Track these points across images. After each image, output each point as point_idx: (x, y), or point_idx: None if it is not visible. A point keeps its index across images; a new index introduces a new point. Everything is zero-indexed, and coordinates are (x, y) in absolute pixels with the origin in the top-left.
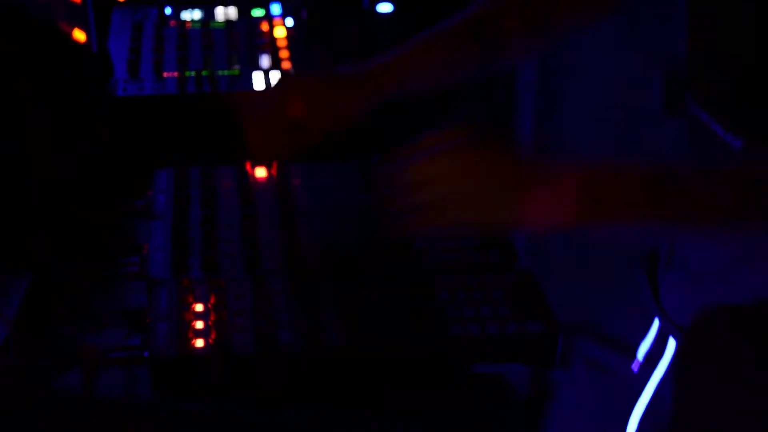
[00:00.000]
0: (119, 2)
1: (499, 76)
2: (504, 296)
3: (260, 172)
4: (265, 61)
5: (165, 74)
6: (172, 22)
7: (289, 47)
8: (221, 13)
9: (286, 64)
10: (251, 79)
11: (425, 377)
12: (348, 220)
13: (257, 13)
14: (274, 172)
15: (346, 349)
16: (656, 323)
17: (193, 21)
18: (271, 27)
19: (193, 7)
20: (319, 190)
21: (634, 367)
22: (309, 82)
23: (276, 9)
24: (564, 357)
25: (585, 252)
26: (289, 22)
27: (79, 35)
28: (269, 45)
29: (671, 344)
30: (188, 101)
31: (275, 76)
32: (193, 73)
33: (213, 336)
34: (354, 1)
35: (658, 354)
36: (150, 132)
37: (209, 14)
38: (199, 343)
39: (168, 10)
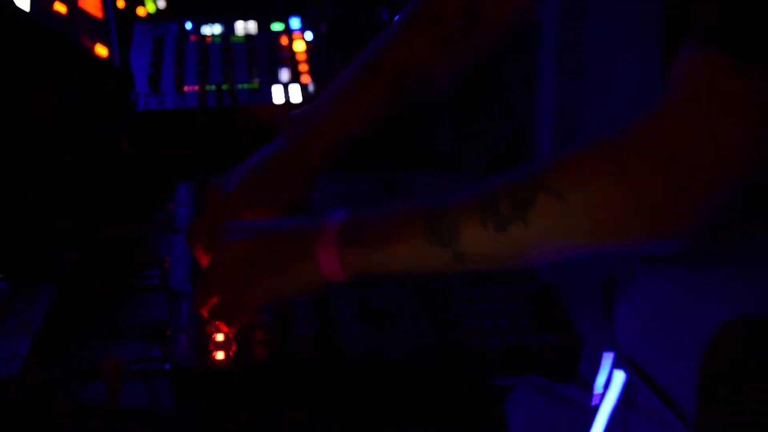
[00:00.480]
0: (141, 17)
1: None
2: (523, 308)
3: None
4: (284, 74)
5: (185, 88)
6: (193, 37)
7: (308, 61)
8: (241, 27)
9: (306, 78)
10: (271, 93)
11: (443, 388)
12: None
13: (277, 27)
14: None
15: (365, 360)
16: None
17: (213, 35)
18: (291, 41)
19: (213, 21)
20: (339, 201)
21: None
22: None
23: (296, 23)
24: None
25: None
26: (309, 35)
27: (101, 50)
28: (289, 59)
29: (620, 376)
30: (208, 115)
31: (294, 90)
32: (213, 87)
33: (233, 348)
34: (373, 15)
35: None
36: (171, 145)
37: (229, 29)
38: (220, 355)
39: (188, 25)
